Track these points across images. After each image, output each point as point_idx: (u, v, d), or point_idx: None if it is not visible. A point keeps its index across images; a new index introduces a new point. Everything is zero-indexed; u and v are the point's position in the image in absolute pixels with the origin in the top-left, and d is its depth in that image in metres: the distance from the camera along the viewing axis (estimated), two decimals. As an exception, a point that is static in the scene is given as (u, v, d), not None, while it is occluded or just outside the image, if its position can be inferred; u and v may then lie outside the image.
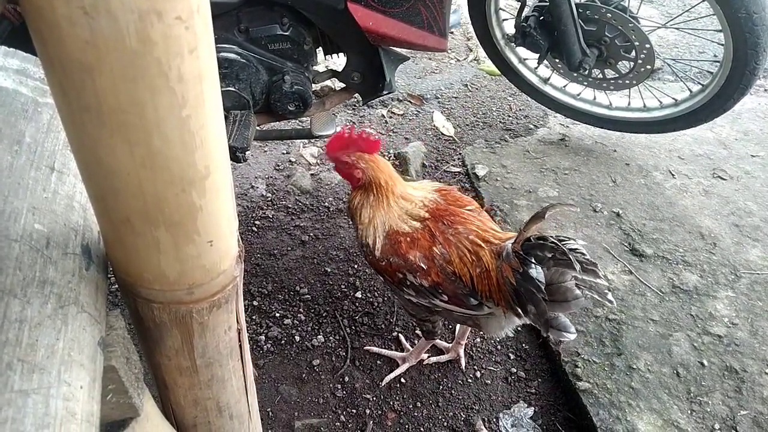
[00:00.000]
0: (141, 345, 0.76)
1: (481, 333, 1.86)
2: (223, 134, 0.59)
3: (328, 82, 2.59)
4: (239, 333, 0.78)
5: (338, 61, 2.21)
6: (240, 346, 0.80)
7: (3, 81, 0.74)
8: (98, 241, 0.70)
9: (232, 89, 1.90)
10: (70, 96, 0.49)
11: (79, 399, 0.54)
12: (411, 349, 1.82)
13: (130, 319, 0.74)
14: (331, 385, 1.79)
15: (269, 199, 2.41)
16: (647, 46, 2.16)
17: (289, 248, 2.21)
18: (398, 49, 2.05)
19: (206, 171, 0.57)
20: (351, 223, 1.57)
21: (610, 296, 1.26)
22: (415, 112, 2.95)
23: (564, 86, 2.55)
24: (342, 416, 1.71)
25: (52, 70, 0.49)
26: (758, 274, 1.99)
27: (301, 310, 1.99)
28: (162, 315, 0.68)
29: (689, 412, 1.62)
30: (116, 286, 0.74)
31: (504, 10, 2.44)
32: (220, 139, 0.58)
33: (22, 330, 0.54)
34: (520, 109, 2.94)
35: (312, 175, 2.53)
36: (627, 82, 2.32)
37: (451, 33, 3.53)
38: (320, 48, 2.08)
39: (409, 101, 3.02)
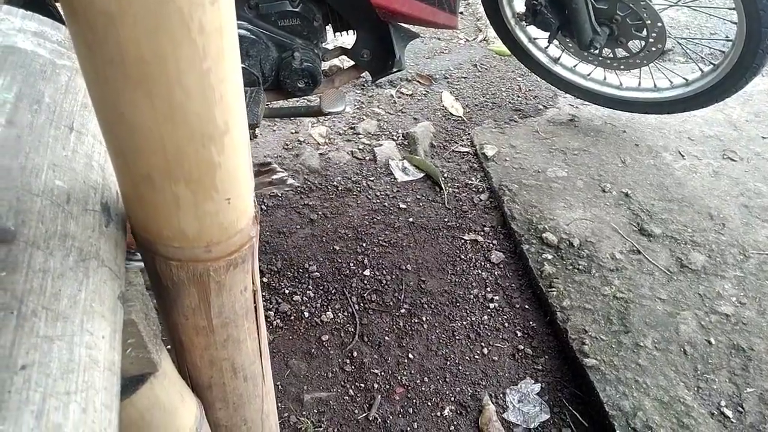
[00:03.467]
0: (158, 305, 0.77)
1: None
2: (241, 91, 0.59)
3: (336, 61, 2.58)
4: (255, 294, 0.79)
5: (347, 40, 2.21)
6: (255, 308, 0.81)
7: (22, 42, 0.75)
8: (117, 200, 0.71)
9: (242, 65, 1.90)
10: (93, 48, 0.50)
11: (101, 348, 0.55)
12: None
13: (148, 280, 0.75)
14: (339, 360, 1.80)
15: (278, 177, 2.42)
16: (659, 24, 2.14)
17: (298, 227, 2.22)
18: (408, 26, 2.04)
19: (225, 127, 0.57)
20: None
21: (290, 180, 1.38)
22: (424, 92, 2.94)
23: (574, 66, 2.54)
24: (350, 390, 1.73)
25: (76, 22, 0.49)
26: (767, 254, 1.99)
27: (310, 287, 2.00)
28: (180, 273, 0.68)
29: (696, 389, 1.63)
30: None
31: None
32: (238, 96, 0.58)
33: (46, 280, 0.55)
34: (529, 90, 2.93)
35: (321, 154, 2.53)
36: (638, 61, 2.30)
37: (461, 13, 3.51)
38: (329, 25, 2.08)
39: (418, 81, 3.01)
